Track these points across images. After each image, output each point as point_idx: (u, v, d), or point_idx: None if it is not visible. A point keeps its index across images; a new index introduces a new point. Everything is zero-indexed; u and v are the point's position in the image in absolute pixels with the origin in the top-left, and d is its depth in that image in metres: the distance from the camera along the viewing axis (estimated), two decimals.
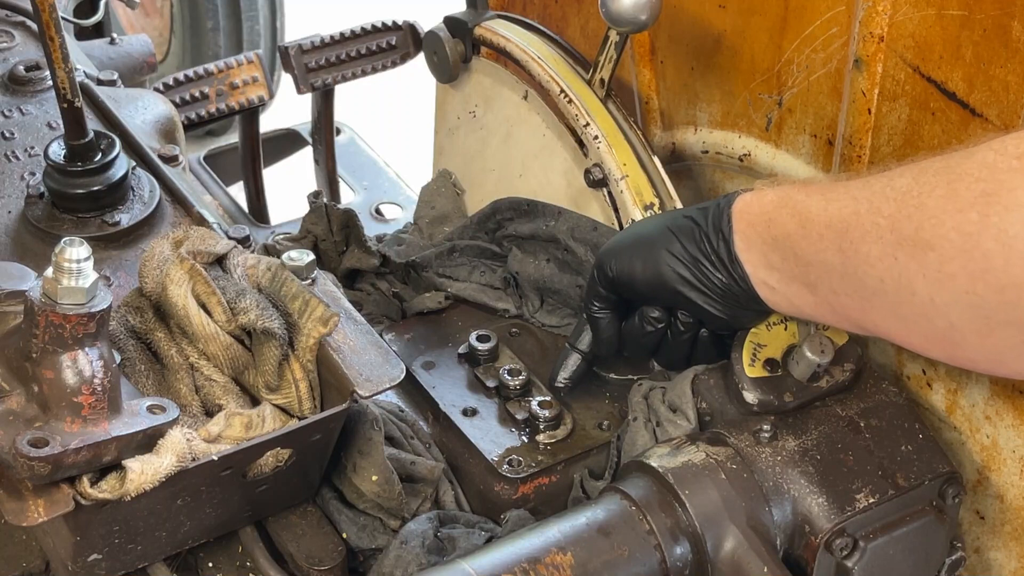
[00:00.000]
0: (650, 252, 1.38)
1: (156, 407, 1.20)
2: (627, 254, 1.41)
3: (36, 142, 1.77)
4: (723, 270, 1.33)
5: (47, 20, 1.45)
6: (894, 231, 1.14)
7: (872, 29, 1.45)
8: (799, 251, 1.25)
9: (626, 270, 1.40)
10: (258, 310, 1.29)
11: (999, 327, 1.10)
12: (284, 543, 1.35)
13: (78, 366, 1.14)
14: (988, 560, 1.51)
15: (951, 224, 1.09)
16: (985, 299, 1.09)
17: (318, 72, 2.47)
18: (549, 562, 1.23)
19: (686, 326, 1.41)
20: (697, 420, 1.40)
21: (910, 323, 1.18)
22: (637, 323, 1.44)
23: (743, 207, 1.32)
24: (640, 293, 1.42)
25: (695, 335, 1.42)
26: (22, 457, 1.09)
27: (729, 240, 1.32)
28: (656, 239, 1.38)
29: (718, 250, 1.33)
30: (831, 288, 1.24)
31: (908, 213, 1.13)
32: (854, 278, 1.20)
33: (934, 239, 1.11)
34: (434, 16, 1.95)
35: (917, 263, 1.12)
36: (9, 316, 1.20)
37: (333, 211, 1.71)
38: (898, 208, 1.14)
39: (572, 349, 1.52)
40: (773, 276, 1.30)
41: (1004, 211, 1.06)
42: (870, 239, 1.16)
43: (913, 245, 1.12)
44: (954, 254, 1.09)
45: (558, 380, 1.52)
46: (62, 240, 1.14)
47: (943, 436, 1.49)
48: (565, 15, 1.94)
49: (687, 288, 1.36)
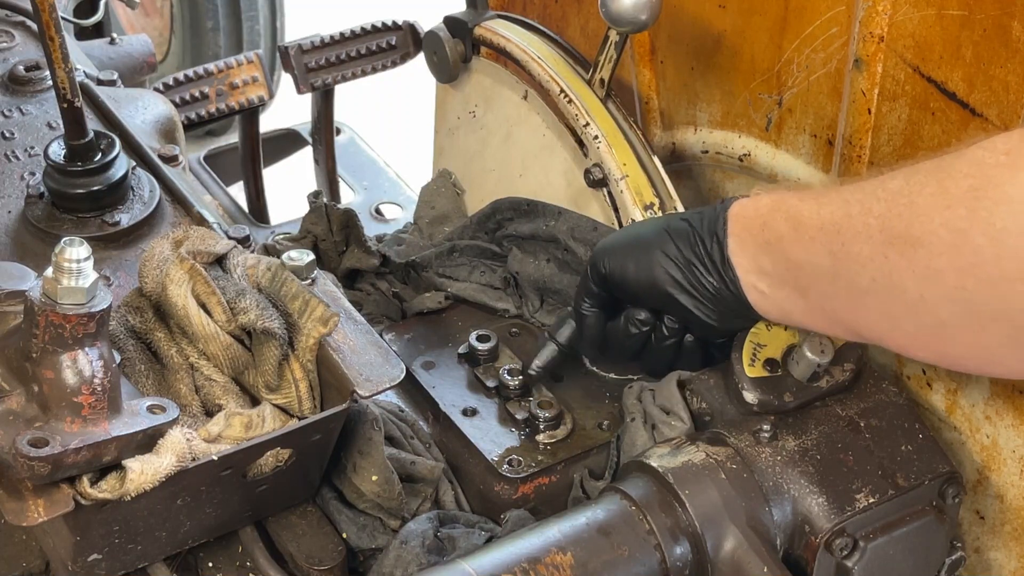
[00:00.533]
0: (644, 253, 1.38)
1: (156, 407, 1.20)
2: (621, 253, 1.41)
3: (36, 142, 1.77)
4: (715, 274, 1.34)
5: (47, 20, 1.45)
6: (884, 230, 1.15)
7: (872, 29, 1.45)
8: (791, 255, 1.26)
9: (619, 269, 1.40)
10: (258, 310, 1.29)
11: (989, 322, 1.10)
12: (284, 543, 1.35)
13: (78, 366, 1.14)
14: (988, 560, 1.51)
15: (940, 220, 1.10)
16: (975, 294, 1.09)
17: (318, 72, 2.47)
18: (549, 562, 1.23)
19: (671, 331, 1.41)
20: (691, 420, 1.40)
21: (901, 322, 1.18)
22: (623, 324, 1.44)
23: (739, 211, 1.33)
24: (631, 293, 1.42)
25: (679, 341, 1.42)
26: (22, 457, 1.09)
27: (723, 243, 1.32)
28: (651, 240, 1.39)
29: (711, 253, 1.33)
30: (822, 292, 1.24)
31: (898, 212, 1.14)
32: (845, 279, 1.20)
33: (923, 235, 1.11)
34: (434, 16, 1.95)
35: (907, 260, 1.13)
36: (9, 316, 1.20)
37: (333, 211, 1.71)
38: (888, 207, 1.15)
39: (551, 339, 1.52)
40: (764, 281, 1.30)
41: (993, 206, 1.06)
42: (860, 239, 1.17)
43: (903, 243, 1.13)
44: (943, 249, 1.10)
45: (532, 367, 1.52)
46: (62, 240, 1.14)
47: (943, 436, 1.49)
48: (565, 15, 1.94)
49: (678, 291, 1.36)
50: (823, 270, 1.22)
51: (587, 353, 1.54)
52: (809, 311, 1.28)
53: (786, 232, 1.26)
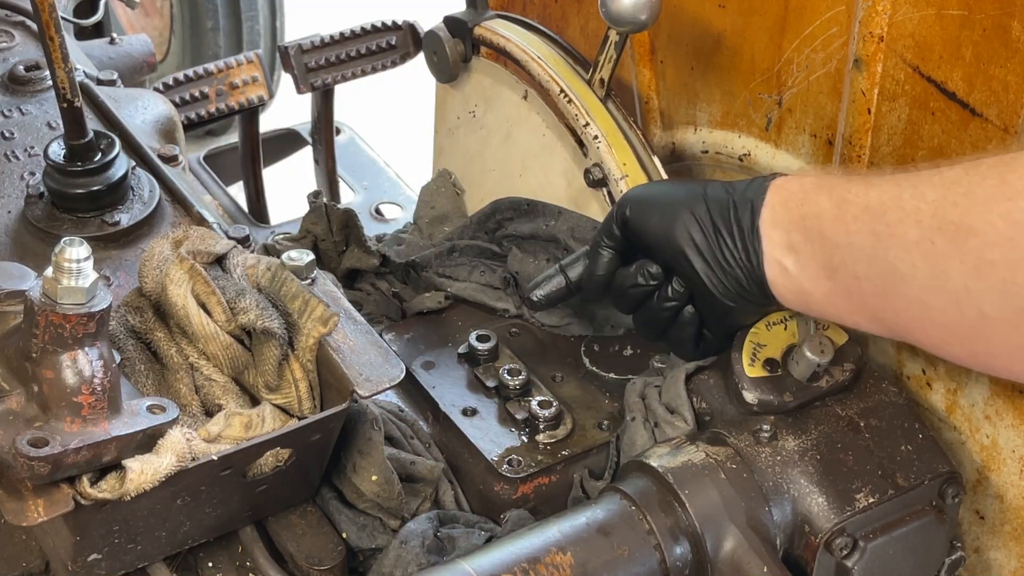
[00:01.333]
0: (672, 208, 1.36)
1: (156, 407, 1.20)
2: (650, 203, 1.39)
3: (36, 142, 1.77)
4: (739, 244, 1.31)
5: (47, 20, 1.45)
6: (936, 216, 1.12)
7: (872, 29, 1.45)
8: (827, 231, 1.23)
9: (642, 217, 1.39)
10: (258, 310, 1.29)
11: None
12: (284, 543, 1.35)
13: (78, 366, 1.14)
14: (988, 560, 1.51)
15: (999, 212, 1.08)
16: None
17: (318, 72, 2.47)
18: (549, 562, 1.23)
19: (675, 294, 1.39)
20: (695, 421, 1.40)
21: (936, 312, 1.15)
22: (632, 271, 1.42)
23: (781, 183, 1.31)
24: (647, 244, 1.40)
25: (680, 308, 1.40)
26: (22, 457, 1.09)
27: (756, 211, 1.30)
28: (683, 198, 1.37)
29: (741, 220, 1.31)
30: (854, 273, 1.21)
31: (954, 199, 1.12)
32: (884, 262, 1.18)
33: (978, 225, 1.09)
34: (434, 16, 1.95)
35: (957, 248, 1.11)
36: (9, 316, 1.20)
37: (333, 211, 1.71)
38: (943, 194, 1.13)
39: (560, 271, 1.50)
40: (790, 257, 1.28)
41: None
42: (908, 222, 1.15)
43: (955, 229, 1.11)
44: (998, 241, 1.08)
45: (534, 294, 1.50)
46: (62, 240, 1.14)
47: (943, 436, 1.49)
48: (565, 15, 1.94)
49: (694, 253, 1.34)
50: (862, 251, 1.19)
51: (589, 295, 1.50)
52: (832, 294, 1.25)
53: (827, 208, 1.23)
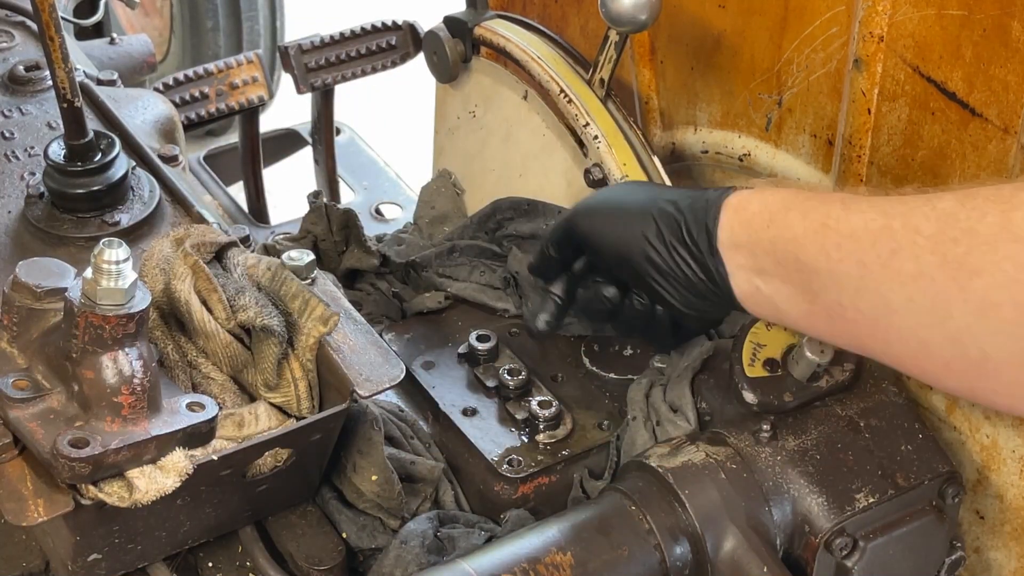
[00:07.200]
0: (625, 226, 1.35)
1: (195, 404, 1.19)
2: (601, 221, 1.38)
3: (36, 142, 1.77)
4: (698, 263, 1.30)
5: (47, 20, 1.44)
6: (936, 252, 1.09)
7: (872, 29, 1.45)
8: (804, 257, 1.20)
9: (597, 235, 1.38)
10: (257, 307, 1.29)
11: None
12: (284, 543, 1.36)
13: (118, 366, 1.14)
14: (988, 560, 1.51)
15: (1005, 253, 1.05)
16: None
17: (318, 72, 2.47)
18: (549, 562, 1.23)
19: (642, 306, 1.40)
20: (697, 421, 1.40)
21: (932, 348, 1.12)
22: (592, 296, 1.42)
23: (738, 203, 1.28)
24: (605, 262, 1.39)
25: (649, 314, 1.41)
26: (63, 458, 1.10)
27: (712, 233, 1.28)
28: (635, 214, 1.35)
29: (697, 240, 1.29)
30: (837, 300, 1.18)
31: (954, 236, 1.08)
32: (875, 293, 1.14)
33: (984, 266, 1.06)
34: (434, 16, 1.95)
35: (959, 287, 1.08)
36: (49, 314, 1.20)
37: (333, 211, 1.71)
38: (941, 229, 1.09)
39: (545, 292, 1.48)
40: (761, 277, 1.25)
41: None
42: (904, 256, 1.11)
43: (958, 268, 1.08)
44: (1005, 283, 1.05)
45: (539, 321, 1.48)
46: (101, 241, 1.14)
47: (943, 436, 1.49)
48: (565, 15, 1.94)
49: (654, 271, 1.33)
50: (848, 280, 1.16)
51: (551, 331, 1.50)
52: (811, 316, 1.23)
53: (802, 233, 1.20)
